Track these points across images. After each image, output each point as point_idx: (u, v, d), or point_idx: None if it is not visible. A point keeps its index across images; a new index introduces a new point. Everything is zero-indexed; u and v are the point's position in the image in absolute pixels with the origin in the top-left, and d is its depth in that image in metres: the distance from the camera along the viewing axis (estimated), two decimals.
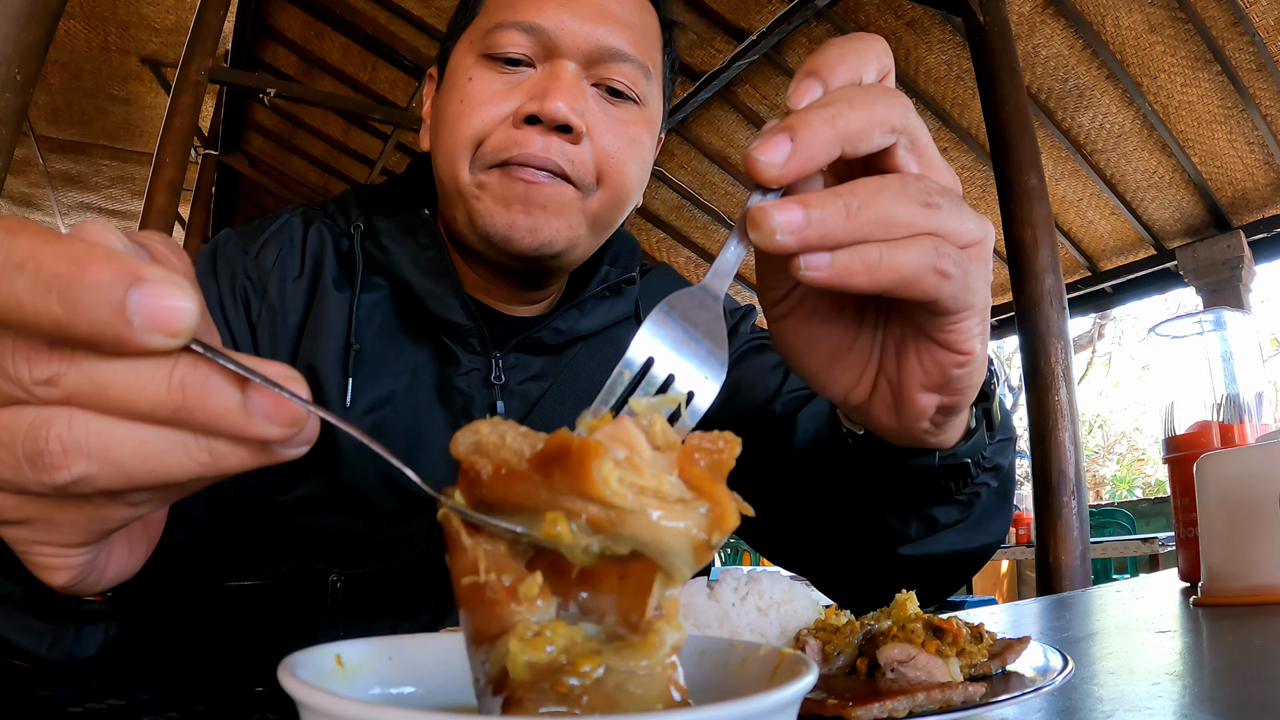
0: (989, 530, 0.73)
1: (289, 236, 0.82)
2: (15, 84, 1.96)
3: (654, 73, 0.82)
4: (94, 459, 0.28)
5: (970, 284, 0.42)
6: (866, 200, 0.38)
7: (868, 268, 0.39)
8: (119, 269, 0.26)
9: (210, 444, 0.29)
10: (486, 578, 0.28)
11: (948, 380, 0.47)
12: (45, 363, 0.27)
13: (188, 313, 0.27)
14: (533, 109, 0.73)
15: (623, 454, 0.27)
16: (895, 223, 0.39)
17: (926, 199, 0.40)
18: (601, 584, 0.28)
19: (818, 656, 0.48)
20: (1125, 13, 4.07)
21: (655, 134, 0.84)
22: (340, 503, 0.75)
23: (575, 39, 0.75)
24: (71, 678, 0.51)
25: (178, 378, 0.28)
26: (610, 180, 0.78)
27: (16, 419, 0.28)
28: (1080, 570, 3.17)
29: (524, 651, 0.26)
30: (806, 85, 0.40)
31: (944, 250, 0.40)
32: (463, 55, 0.79)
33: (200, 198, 6.81)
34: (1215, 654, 0.67)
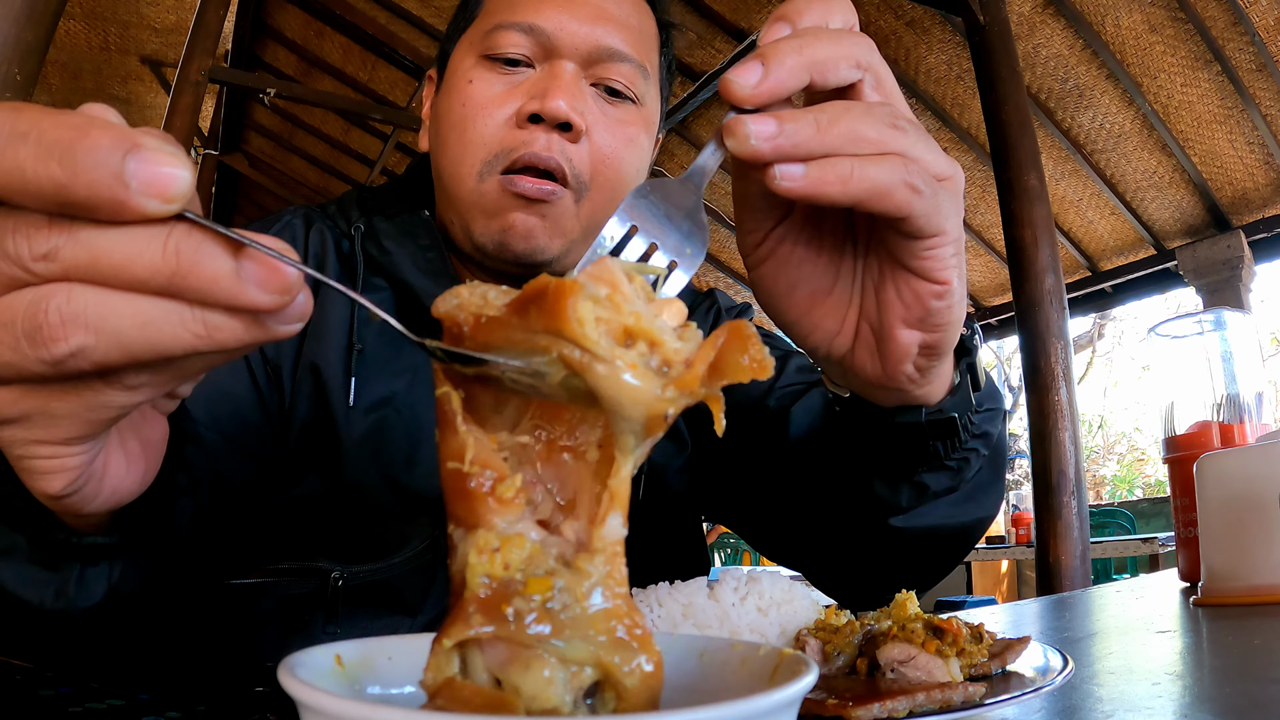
0: (981, 504, 0.72)
1: (291, 237, 0.82)
2: (15, 84, 1.96)
3: (651, 73, 0.82)
4: (91, 330, 0.28)
5: (941, 207, 0.44)
6: (836, 117, 0.41)
7: (840, 178, 0.40)
8: (118, 136, 0.27)
9: (205, 315, 0.29)
10: (470, 469, 0.28)
11: (928, 313, 0.47)
12: (44, 237, 0.28)
13: (182, 179, 0.28)
14: (534, 107, 0.73)
15: (604, 292, 0.27)
16: (864, 139, 0.41)
17: (894, 122, 0.42)
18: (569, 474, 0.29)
19: (818, 656, 0.48)
20: (1125, 13, 4.07)
21: (653, 134, 0.85)
22: (341, 501, 0.75)
23: (574, 39, 0.76)
24: (71, 678, 0.51)
25: (172, 245, 0.28)
26: (606, 180, 0.79)
27: (17, 300, 0.29)
28: (1080, 570, 3.17)
29: (481, 565, 0.26)
30: (776, 26, 0.43)
31: (913, 169, 0.42)
32: (462, 57, 0.79)
33: (200, 198, 6.80)
34: (1215, 654, 0.67)
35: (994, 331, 6.82)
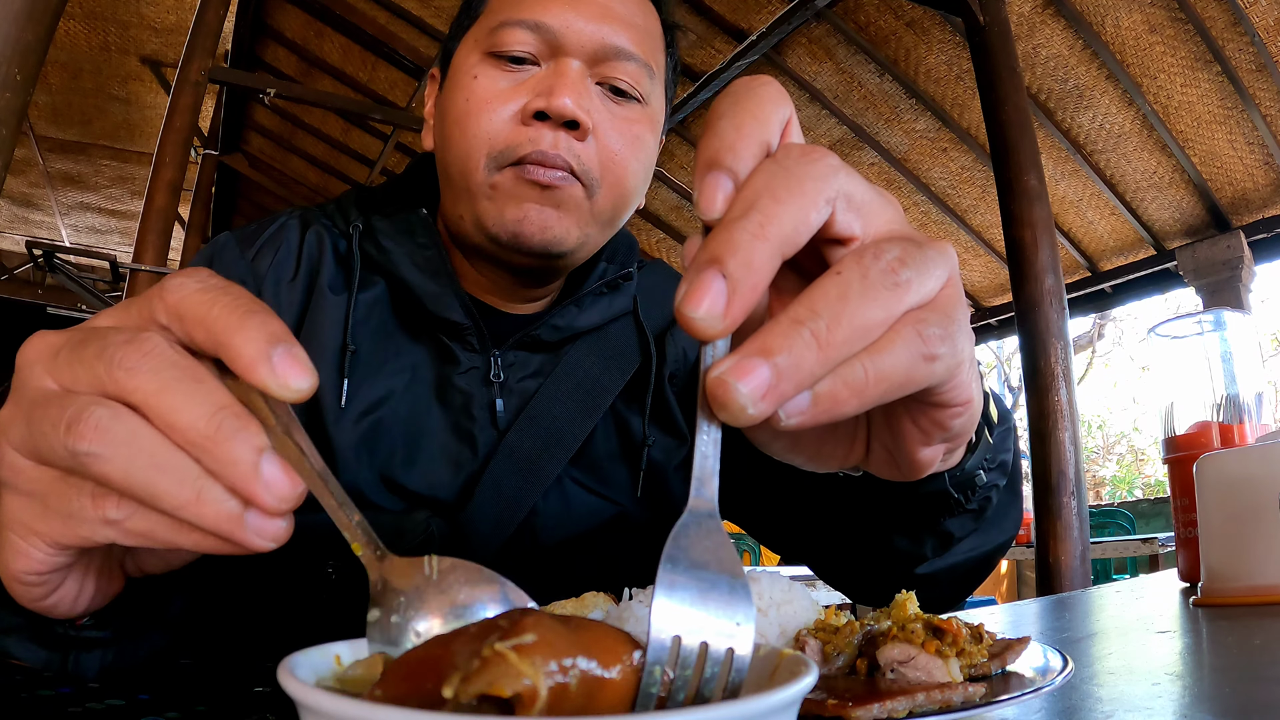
0: (1002, 528, 0.71)
1: (285, 239, 0.82)
2: (15, 84, 1.96)
3: (657, 72, 0.82)
4: (110, 444, 0.31)
5: (958, 345, 0.35)
6: (835, 316, 0.31)
7: (854, 390, 0.32)
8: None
9: (206, 485, 0.32)
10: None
11: (949, 431, 0.41)
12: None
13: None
14: (540, 105, 0.73)
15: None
16: (871, 325, 0.32)
17: (894, 279, 0.33)
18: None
19: (817, 656, 0.48)
20: (1125, 13, 4.07)
21: (658, 134, 0.85)
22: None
23: (580, 37, 0.76)
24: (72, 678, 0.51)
25: (219, 418, 0.31)
26: (614, 179, 0.78)
27: (78, 398, 0.33)
28: (1080, 570, 3.17)
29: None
30: (713, 181, 0.33)
31: (927, 331, 0.34)
32: (467, 54, 0.79)
33: (200, 198, 6.81)
34: (1215, 654, 0.67)
35: (994, 331, 6.83)
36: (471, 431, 0.79)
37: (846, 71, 4.82)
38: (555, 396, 0.82)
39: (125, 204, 8.44)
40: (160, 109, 5.17)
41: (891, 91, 4.89)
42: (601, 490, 0.84)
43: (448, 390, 0.79)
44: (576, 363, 0.84)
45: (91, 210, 8.74)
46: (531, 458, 0.79)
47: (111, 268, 7.56)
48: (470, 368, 0.80)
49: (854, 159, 5.48)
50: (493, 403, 0.80)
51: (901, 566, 0.72)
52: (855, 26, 4.53)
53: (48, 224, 9.08)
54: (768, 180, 0.33)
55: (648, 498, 0.85)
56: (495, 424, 0.80)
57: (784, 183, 0.33)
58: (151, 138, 5.03)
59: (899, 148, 5.32)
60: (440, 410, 0.79)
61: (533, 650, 0.24)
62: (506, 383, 0.81)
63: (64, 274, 7.30)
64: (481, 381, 0.81)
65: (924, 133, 5.13)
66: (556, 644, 0.25)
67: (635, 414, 0.87)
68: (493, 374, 0.80)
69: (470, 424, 0.79)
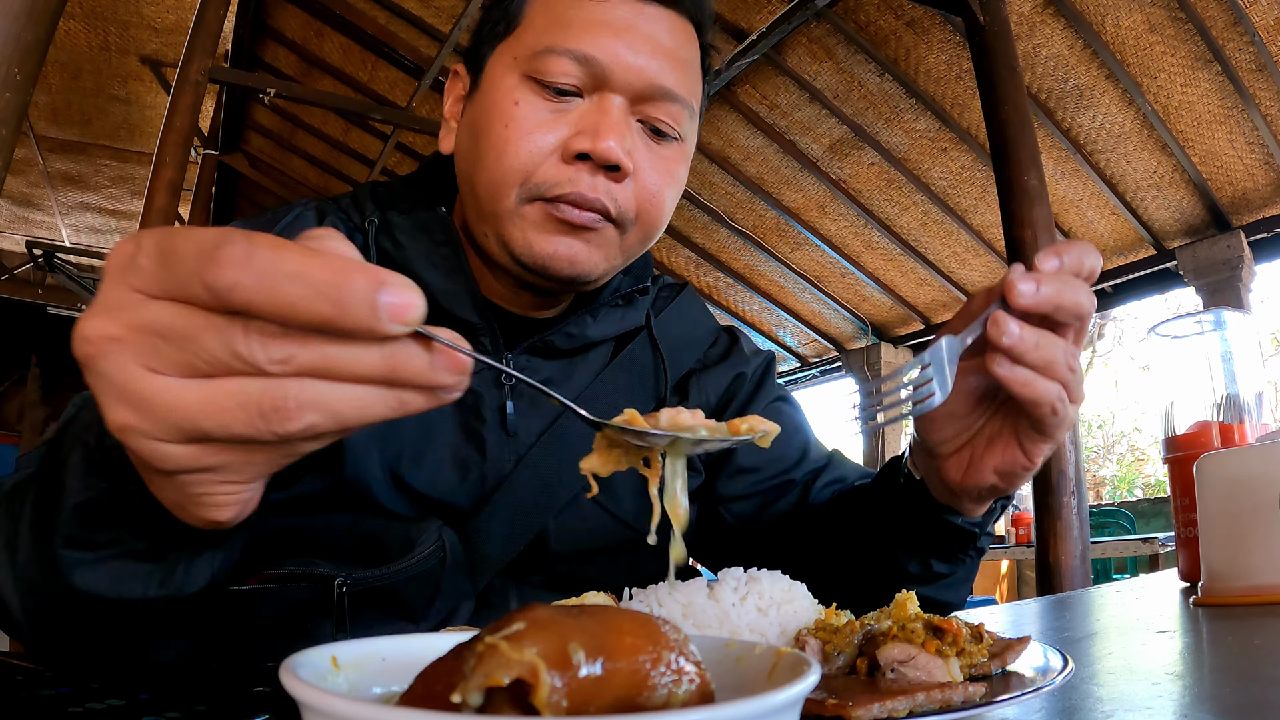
0: (958, 592, 0.84)
1: (301, 229, 0.81)
2: (15, 84, 1.96)
3: (696, 109, 0.81)
4: (320, 411, 0.36)
5: (1065, 426, 0.63)
6: (1050, 344, 0.60)
7: (1025, 380, 0.60)
8: (370, 276, 0.34)
9: (402, 394, 0.37)
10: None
11: (1012, 472, 0.67)
12: (280, 345, 0.35)
13: (419, 307, 0.35)
14: (584, 147, 0.72)
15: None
16: (1052, 365, 0.60)
17: (1071, 364, 0.61)
18: None
19: (818, 656, 0.48)
20: (1125, 13, 4.07)
21: (689, 163, 0.85)
22: (343, 501, 0.75)
23: (628, 74, 0.74)
24: (72, 678, 0.51)
25: (388, 351, 0.36)
26: (648, 217, 0.78)
27: (247, 386, 0.35)
28: (1080, 570, 3.17)
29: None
30: (1048, 258, 0.60)
31: (1063, 397, 0.61)
32: (504, 70, 0.76)
33: (200, 198, 6.80)
34: (1215, 654, 0.67)
35: None
36: (480, 433, 0.79)
37: (846, 71, 4.82)
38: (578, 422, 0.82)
39: (125, 204, 8.43)
40: (160, 109, 5.16)
41: (891, 91, 4.89)
42: (616, 511, 0.85)
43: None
44: (604, 388, 0.85)
45: (91, 210, 8.74)
46: (552, 473, 0.80)
47: None
48: (482, 368, 0.80)
49: (854, 159, 5.48)
50: (503, 405, 0.80)
51: (884, 575, 0.80)
52: (855, 26, 4.52)
53: (48, 224, 9.08)
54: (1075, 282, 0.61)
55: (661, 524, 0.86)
56: (505, 427, 0.81)
57: (1080, 287, 0.60)
58: (151, 138, 5.03)
59: (899, 147, 5.31)
60: (451, 409, 0.79)
61: (523, 637, 0.24)
62: (517, 386, 0.82)
63: (64, 274, 7.30)
64: (493, 383, 0.81)
65: (924, 132, 5.13)
66: (553, 628, 0.25)
67: None
68: (504, 376, 0.81)
69: (480, 425, 0.80)
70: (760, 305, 7.36)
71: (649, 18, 0.76)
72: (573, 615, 0.26)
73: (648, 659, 0.26)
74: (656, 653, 0.26)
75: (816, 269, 6.77)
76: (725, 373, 0.96)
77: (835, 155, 5.51)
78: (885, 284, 6.68)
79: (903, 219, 5.91)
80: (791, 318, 7.45)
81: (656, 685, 0.25)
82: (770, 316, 7.53)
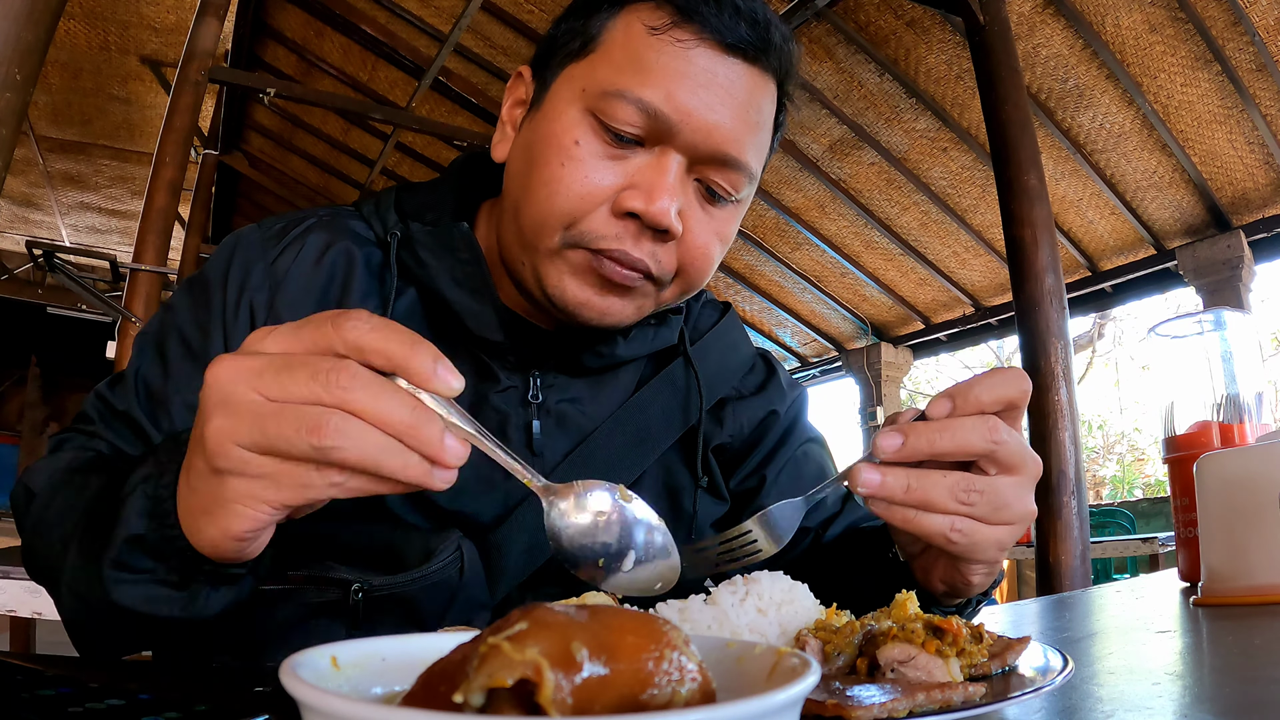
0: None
1: (308, 243, 0.79)
2: (15, 84, 1.96)
3: (759, 173, 0.78)
4: (346, 438, 0.45)
5: (981, 551, 0.62)
6: (921, 486, 0.59)
7: (904, 519, 0.60)
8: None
9: (410, 456, 0.47)
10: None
11: (954, 588, 0.69)
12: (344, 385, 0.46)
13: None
14: (636, 207, 0.70)
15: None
16: (931, 502, 0.59)
17: (965, 496, 0.59)
18: None
19: (818, 656, 0.48)
20: (1125, 13, 4.07)
21: (740, 220, 0.82)
22: (359, 509, 0.72)
23: (695, 136, 0.70)
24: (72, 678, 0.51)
25: (414, 413, 0.46)
26: (689, 274, 0.76)
27: (309, 410, 0.45)
28: (1080, 570, 3.17)
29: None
30: (941, 402, 0.60)
31: (958, 522, 0.60)
32: (570, 99, 0.73)
33: (200, 198, 6.80)
34: (1215, 654, 0.67)
35: (994, 331, 6.82)
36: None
37: (846, 71, 4.82)
38: (610, 439, 0.82)
39: (125, 204, 8.43)
40: (160, 109, 5.16)
41: (891, 91, 4.89)
42: None
43: (483, 409, 0.78)
44: (636, 411, 0.84)
45: (91, 210, 8.74)
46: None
47: (111, 268, 7.55)
48: (509, 386, 0.79)
49: (854, 159, 5.49)
50: (529, 424, 0.79)
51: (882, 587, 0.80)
52: (855, 26, 4.52)
53: (48, 224, 9.08)
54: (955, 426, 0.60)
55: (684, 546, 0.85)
56: (530, 446, 0.79)
57: (960, 430, 0.60)
58: (151, 138, 5.03)
59: (899, 147, 5.32)
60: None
61: (526, 637, 0.24)
62: (545, 403, 0.80)
63: (64, 274, 7.28)
64: (519, 401, 0.79)
65: (924, 132, 5.13)
66: (556, 628, 0.25)
67: (682, 468, 0.87)
68: (531, 394, 0.79)
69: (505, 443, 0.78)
70: (760, 305, 7.36)
71: (730, 72, 0.71)
72: (575, 615, 0.26)
73: (650, 658, 0.26)
74: (659, 651, 0.26)
75: (816, 269, 6.77)
76: (760, 406, 0.94)
77: (835, 155, 5.51)
78: (885, 284, 6.68)
79: (903, 219, 5.91)
80: (791, 317, 7.45)
81: (660, 684, 0.25)
82: (770, 316, 7.53)
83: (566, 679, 0.24)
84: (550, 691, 0.23)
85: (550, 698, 0.23)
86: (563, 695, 0.23)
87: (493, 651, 0.24)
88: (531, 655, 0.24)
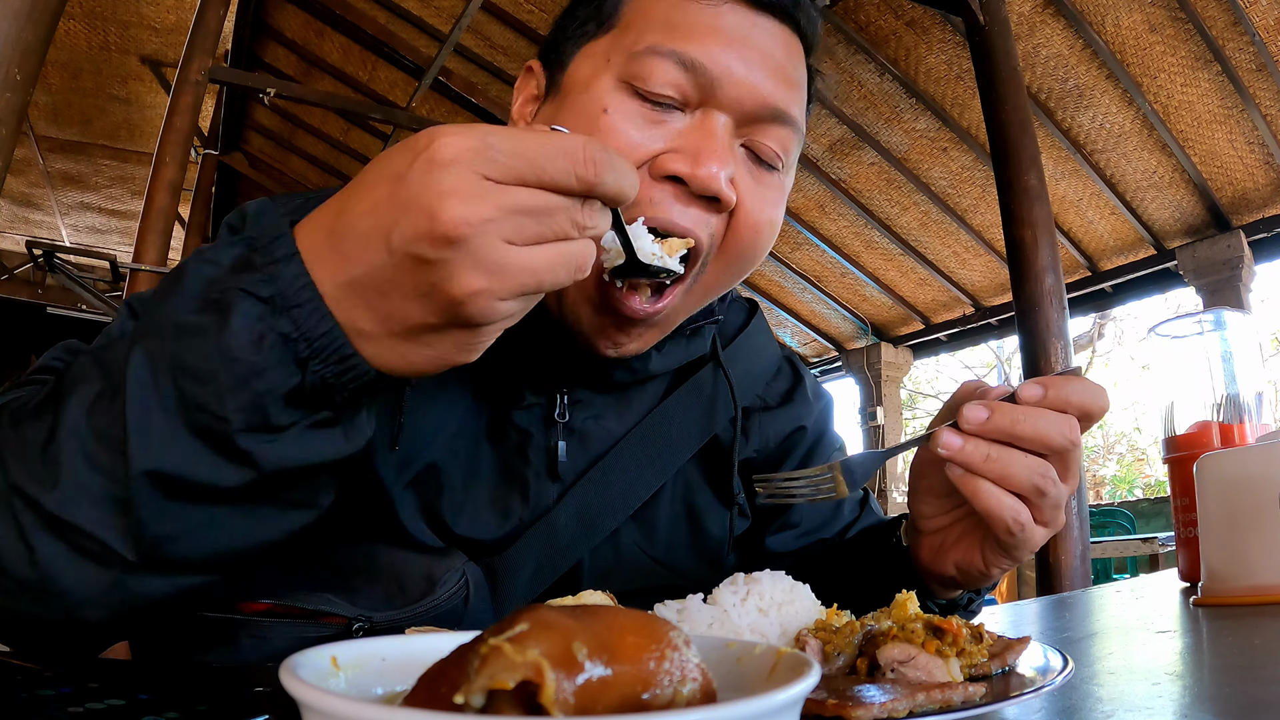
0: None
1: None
2: (15, 84, 1.96)
3: (804, 135, 0.73)
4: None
5: (1026, 547, 0.63)
6: (1001, 458, 0.59)
7: (975, 490, 0.60)
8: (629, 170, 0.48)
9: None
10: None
11: (969, 574, 0.68)
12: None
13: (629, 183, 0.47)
14: (680, 170, 0.63)
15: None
16: (1009, 478, 0.59)
17: (1039, 483, 0.59)
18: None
19: (818, 656, 0.48)
20: (1125, 13, 4.08)
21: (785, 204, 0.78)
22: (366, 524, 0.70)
23: (740, 90, 0.65)
24: (72, 677, 0.51)
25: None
26: (742, 254, 0.70)
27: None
28: (1080, 570, 3.17)
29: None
30: (1032, 388, 0.61)
31: (1024, 516, 0.60)
32: (593, 71, 0.67)
33: (200, 197, 6.81)
34: (1215, 654, 0.67)
35: (994, 331, 6.83)
36: (525, 476, 0.74)
37: (846, 71, 4.82)
38: (628, 458, 0.77)
39: (125, 204, 8.44)
40: (160, 109, 5.16)
41: (891, 91, 4.89)
42: (651, 552, 0.80)
43: (504, 429, 0.74)
44: (661, 421, 0.79)
45: (91, 210, 8.74)
46: (595, 511, 0.75)
47: (111, 267, 7.56)
48: (533, 404, 0.75)
49: (854, 158, 5.49)
50: (552, 448, 0.75)
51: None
52: (855, 26, 4.53)
53: (48, 224, 9.08)
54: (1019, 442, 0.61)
55: (701, 564, 0.83)
56: (554, 471, 0.75)
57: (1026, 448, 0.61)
58: (151, 138, 5.03)
59: (899, 147, 5.32)
60: (492, 452, 0.74)
61: (527, 638, 0.24)
62: (571, 422, 0.76)
63: (64, 274, 7.29)
64: (542, 420, 0.75)
65: (924, 132, 5.13)
66: (557, 629, 0.25)
67: (704, 486, 0.83)
68: (557, 413, 0.75)
69: (524, 468, 0.74)
70: (760, 305, 7.36)
71: (763, 29, 0.67)
72: (575, 615, 0.26)
73: (651, 658, 0.26)
74: (660, 651, 0.26)
75: (816, 269, 6.77)
76: (788, 420, 0.90)
77: (835, 155, 5.51)
78: (885, 284, 6.68)
79: (903, 219, 5.91)
80: (791, 318, 7.45)
81: (661, 684, 0.25)
82: (770, 316, 7.53)
83: (568, 680, 0.24)
84: (552, 692, 0.23)
85: (552, 698, 0.23)
86: (564, 696, 0.23)
87: (494, 653, 0.24)
88: (533, 656, 0.24)
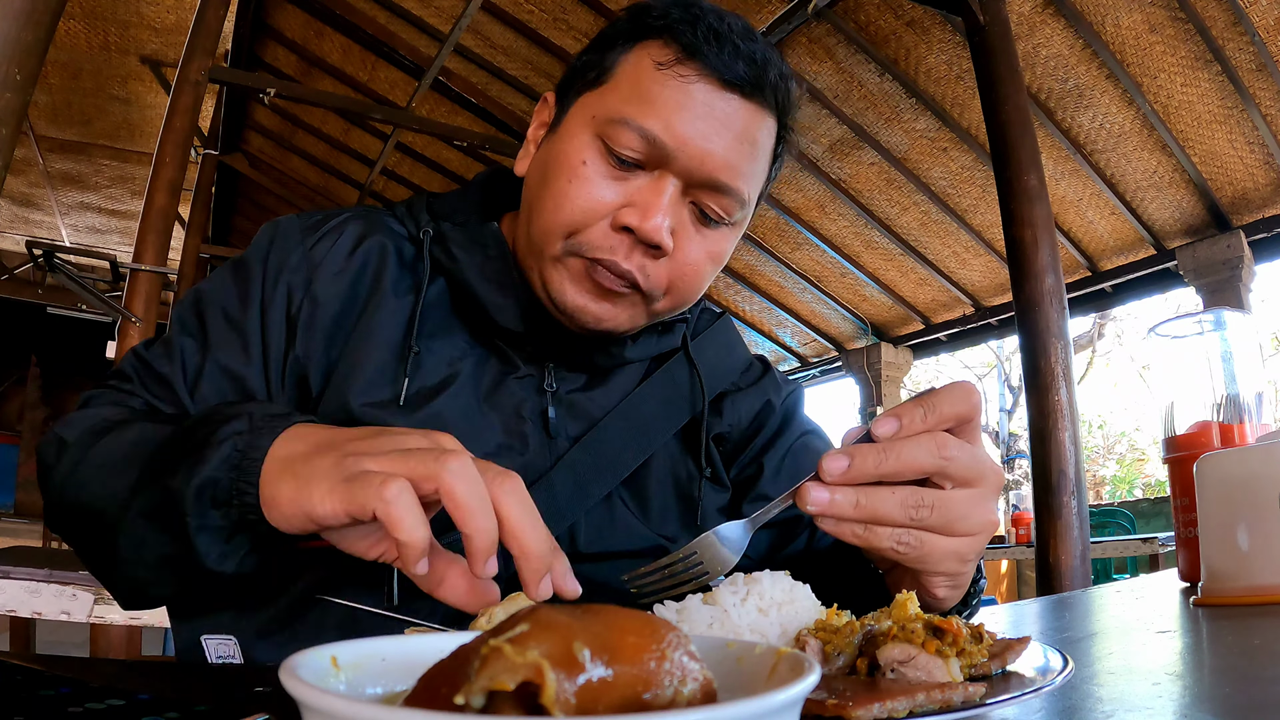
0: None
1: (344, 233, 0.85)
2: (15, 84, 1.96)
3: (753, 199, 0.84)
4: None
5: (925, 558, 0.61)
6: (871, 500, 0.59)
7: (853, 534, 0.60)
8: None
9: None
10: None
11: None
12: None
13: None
14: (631, 222, 0.76)
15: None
16: (881, 517, 0.59)
17: (915, 512, 0.59)
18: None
19: (818, 656, 0.48)
20: (1125, 13, 4.07)
21: (738, 239, 0.87)
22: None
23: (690, 161, 0.76)
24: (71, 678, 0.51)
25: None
26: (679, 289, 0.82)
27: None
28: (1080, 570, 3.17)
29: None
30: (887, 421, 0.60)
31: (903, 535, 0.60)
32: (582, 124, 0.80)
33: (200, 198, 6.80)
34: (1215, 654, 0.67)
35: (994, 331, 6.82)
36: (523, 432, 0.83)
37: (846, 71, 4.82)
38: (614, 430, 0.87)
39: (125, 204, 8.44)
40: (160, 109, 5.17)
41: (891, 91, 4.89)
42: (643, 517, 0.88)
43: (501, 391, 0.84)
44: (639, 402, 0.89)
45: (91, 210, 8.74)
46: (586, 475, 0.84)
47: (111, 268, 7.55)
48: (526, 374, 0.86)
49: (854, 159, 5.49)
50: (544, 409, 0.85)
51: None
52: (855, 26, 4.53)
53: (48, 224, 9.08)
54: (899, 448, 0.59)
55: (689, 533, 0.89)
56: (547, 429, 0.85)
57: (907, 450, 0.59)
58: (151, 138, 5.03)
59: (899, 147, 5.32)
60: (492, 413, 0.83)
61: (527, 639, 0.24)
62: (558, 392, 0.87)
63: (64, 274, 7.28)
64: (535, 389, 0.86)
65: (924, 132, 5.13)
66: (557, 629, 0.25)
67: (688, 457, 0.93)
68: (546, 383, 0.86)
69: (521, 425, 0.84)
70: (760, 305, 7.36)
71: (726, 105, 0.77)
72: (576, 615, 0.26)
73: (652, 658, 0.26)
74: (660, 651, 0.26)
75: (816, 269, 6.77)
76: (757, 397, 0.99)
77: (835, 155, 5.51)
78: (885, 284, 6.68)
79: (903, 219, 5.91)
80: (791, 318, 7.45)
81: (662, 684, 0.25)
82: (770, 316, 7.53)
83: (569, 680, 0.24)
84: (553, 693, 0.23)
85: (553, 699, 0.23)
86: (565, 696, 0.23)
87: (495, 654, 0.24)
88: (533, 657, 0.24)
